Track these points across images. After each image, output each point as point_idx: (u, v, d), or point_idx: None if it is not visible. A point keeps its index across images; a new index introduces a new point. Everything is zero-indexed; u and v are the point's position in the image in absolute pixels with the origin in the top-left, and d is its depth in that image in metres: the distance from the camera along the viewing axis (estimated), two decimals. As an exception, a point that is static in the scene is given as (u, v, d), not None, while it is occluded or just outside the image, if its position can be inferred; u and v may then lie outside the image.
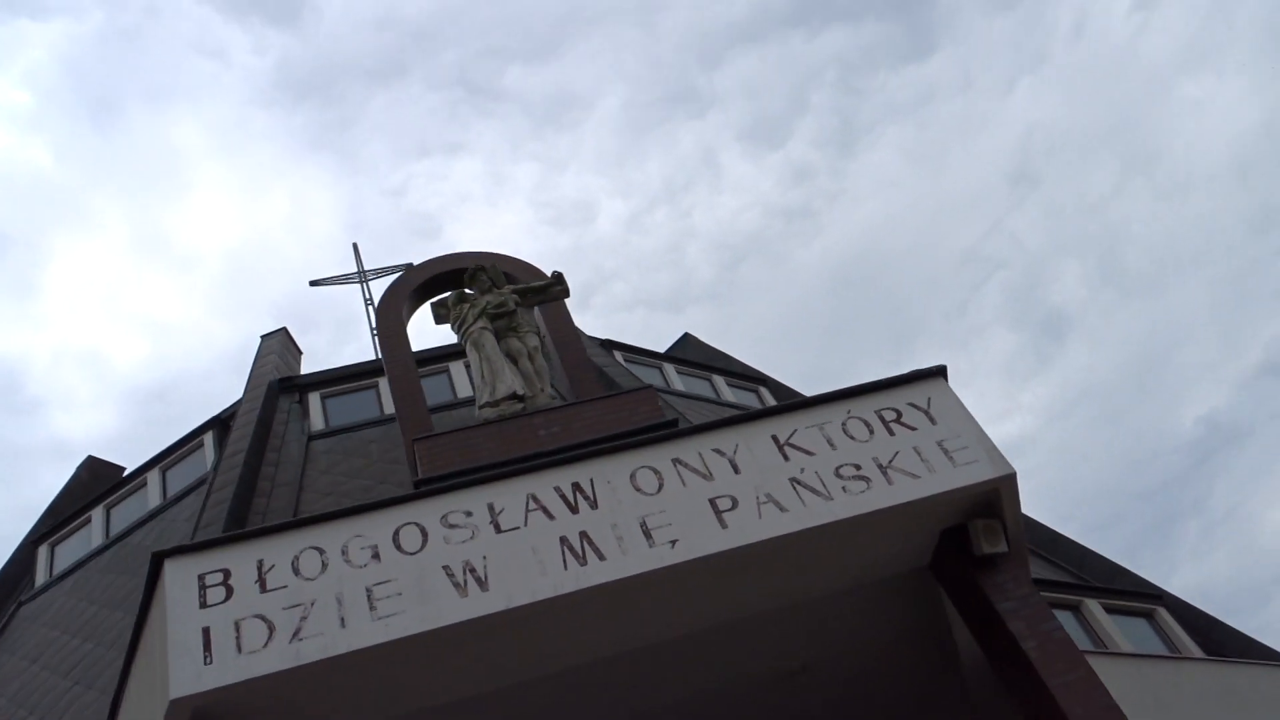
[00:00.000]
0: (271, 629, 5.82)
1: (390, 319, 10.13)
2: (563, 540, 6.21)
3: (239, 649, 5.72)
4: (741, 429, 6.84)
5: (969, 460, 6.70)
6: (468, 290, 9.75)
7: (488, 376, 8.35)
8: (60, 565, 18.59)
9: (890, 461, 6.69)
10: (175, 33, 67.71)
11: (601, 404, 8.20)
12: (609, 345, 19.59)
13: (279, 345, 21.70)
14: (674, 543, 6.23)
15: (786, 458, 6.71)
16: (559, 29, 74.85)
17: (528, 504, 6.40)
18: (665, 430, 7.11)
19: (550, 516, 6.34)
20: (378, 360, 19.89)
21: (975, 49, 68.91)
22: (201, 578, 5.98)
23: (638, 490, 6.50)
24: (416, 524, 6.28)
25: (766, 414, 6.90)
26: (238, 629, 5.79)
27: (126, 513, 18.65)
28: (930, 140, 70.28)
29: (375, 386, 19.15)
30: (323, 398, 18.91)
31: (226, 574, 6.01)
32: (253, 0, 69.37)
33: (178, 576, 5.95)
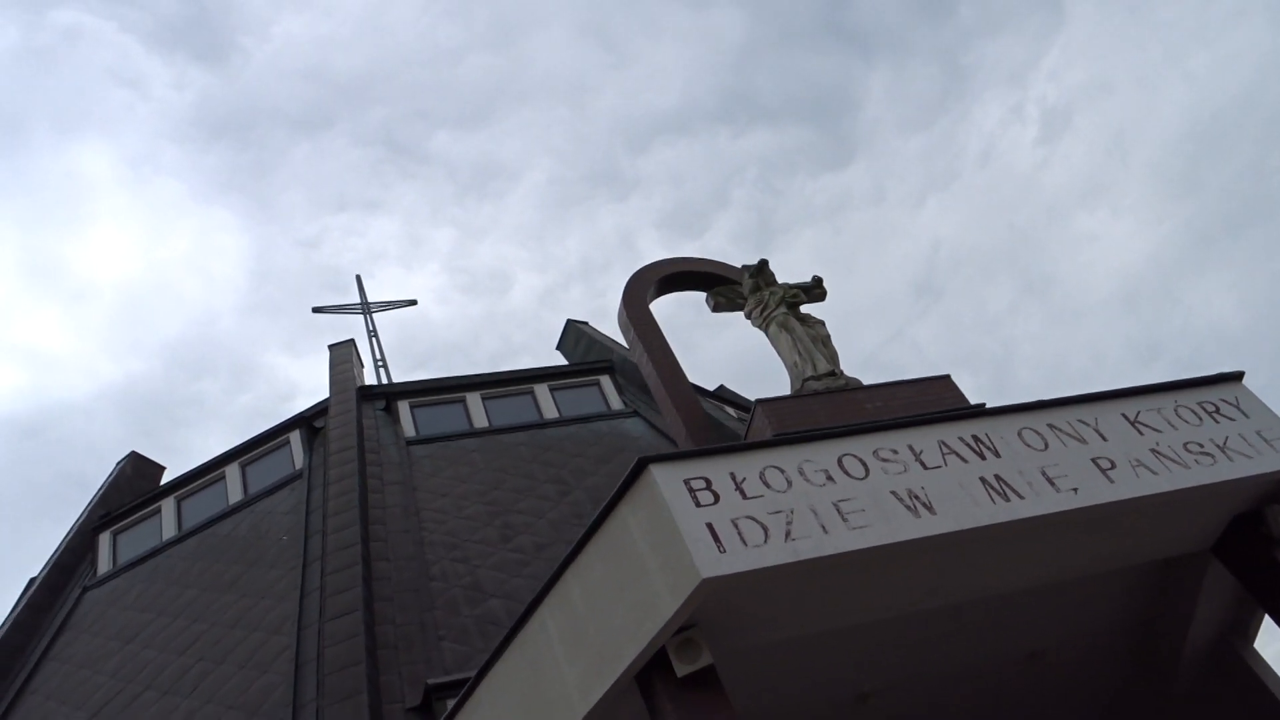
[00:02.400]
0: (765, 529, 6.27)
1: (637, 306, 10.65)
2: (982, 480, 6.87)
3: (744, 543, 6.15)
4: (1095, 406, 7.65)
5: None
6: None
7: (805, 355, 8.98)
8: (128, 553, 18.14)
9: (1224, 443, 7.58)
10: (93, 58, 63.56)
11: (909, 387, 8.91)
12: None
13: (350, 355, 21.75)
14: (1075, 490, 6.96)
15: (1140, 432, 7.54)
16: (490, 99, 74.72)
17: (940, 448, 7.05)
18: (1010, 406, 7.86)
19: (964, 460, 6.99)
20: (461, 377, 20.18)
21: (890, 163, 72.19)
22: (688, 482, 6.41)
23: (1028, 446, 7.22)
24: (855, 455, 6.85)
25: (1112, 395, 7.75)
26: (736, 527, 6.24)
27: (202, 505, 18.36)
28: (842, 245, 72.44)
29: (463, 401, 19.42)
30: (412, 407, 19.08)
31: (708, 481, 6.45)
32: (179, 35, 67.01)
33: (668, 480, 6.37)
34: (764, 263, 9.57)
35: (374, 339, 32.28)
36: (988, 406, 8.17)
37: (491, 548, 14.66)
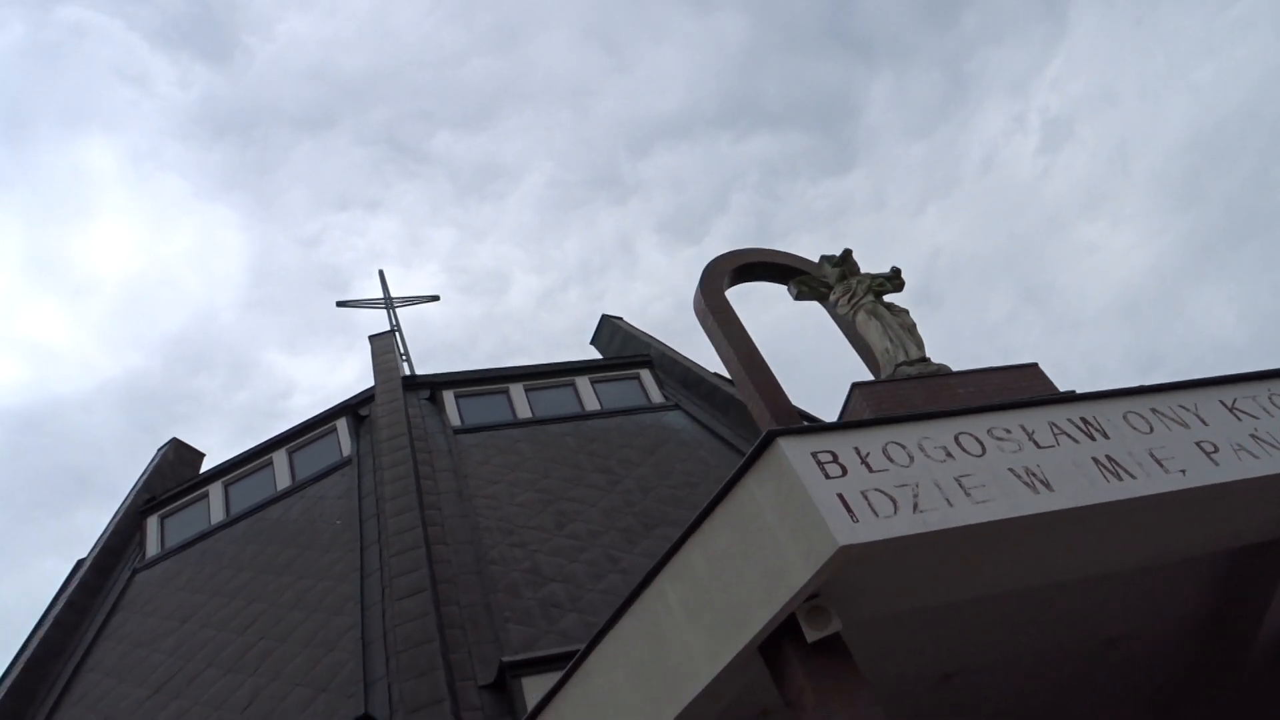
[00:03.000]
0: (894, 501, 6.41)
1: (714, 293, 10.80)
2: (1094, 460, 7.02)
3: (875, 513, 6.29)
4: (1193, 392, 7.81)
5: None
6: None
7: (896, 341, 9.14)
8: (176, 537, 18.26)
9: (1319, 430, 7.75)
10: (98, 55, 62.36)
11: (998, 374, 9.07)
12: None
13: (392, 346, 21.89)
14: (1184, 471, 7.10)
15: (1238, 418, 7.70)
16: (493, 101, 74.29)
17: (1051, 429, 7.20)
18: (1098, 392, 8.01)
19: (1075, 440, 7.15)
20: (503, 369, 20.32)
21: (891, 170, 71.89)
22: (815, 455, 6.55)
23: (1134, 429, 7.37)
24: (970, 433, 7.00)
25: (1209, 383, 7.91)
26: (866, 498, 6.38)
27: (250, 490, 18.49)
28: (840, 250, 72.34)
29: (506, 392, 19.55)
30: (456, 397, 19.21)
31: (834, 455, 6.58)
32: (184, 33, 66.66)
33: (796, 453, 6.51)
34: (848, 252, 9.72)
35: (397, 333, 32.38)
36: (1079, 393, 8.32)
37: (546, 534, 14.79)
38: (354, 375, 71.66)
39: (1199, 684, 10.26)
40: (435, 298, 35.84)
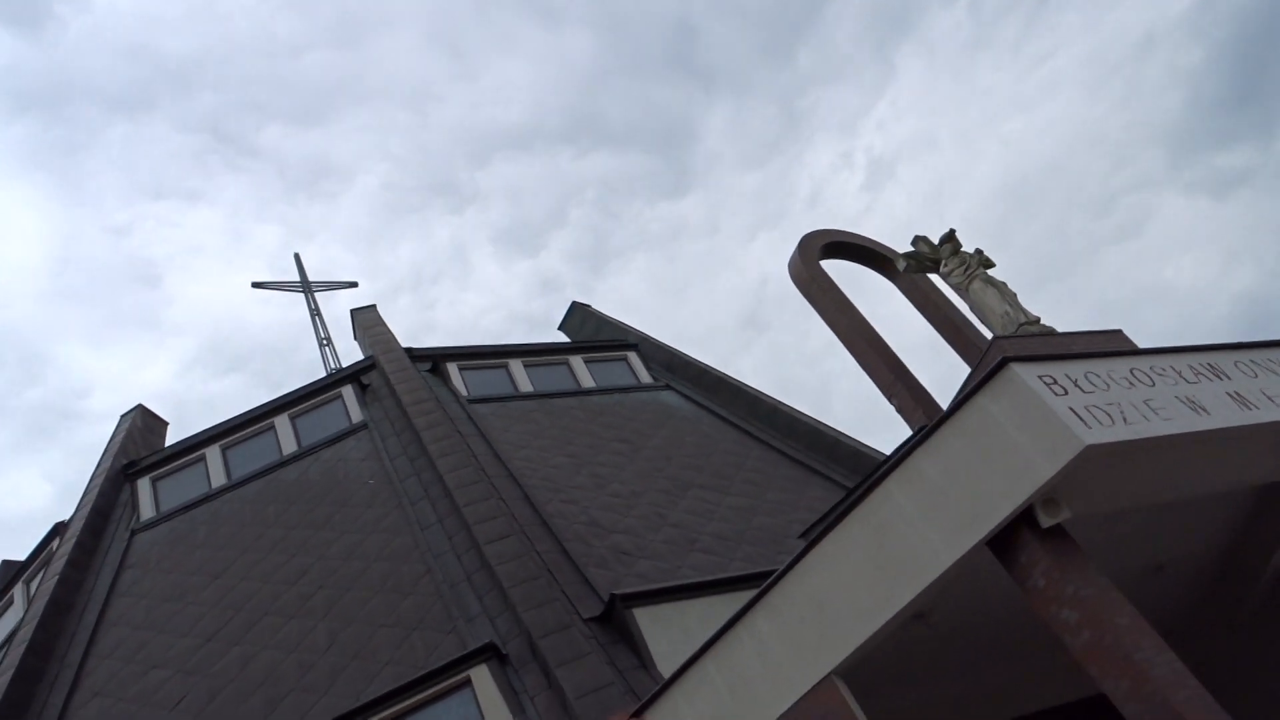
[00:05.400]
0: (1109, 414, 7.73)
1: (811, 264, 11.97)
2: (1227, 394, 8.60)
3: (1100, 423, 7.58)
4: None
5: None
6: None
7: (1013, 305, 10.55)
8: (173, 499, 18.05)
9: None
10: None
11: (1096, 336, 10.63)
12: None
13: (378, 318, 22.07)
14: (1286, 406, 8.80)
15: (1311, 370, 9.52)
16: (328, 97, 71.83)
17: (1191, 369, 8.74)
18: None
19: (1210, 379, 8.68)
20: (499, 345, 20.90)
21: (725, 197, 74.54)
22: (1041, 378, 7.81)
23: (1243, 373, 9.00)
24: (1139, 369, 8.43)
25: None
26: (1089, 412, 7.66)
27: (251, 454, 18.47)
28: (676, 273, 74.13)
29: (505, 367, 20.19)
30: (460, 369, 19.72)
31: (1053, 379, 7.88)
32: None
33: (1028, 374, 7.75)
34: (954, 231, 11.14)
35: (316, 318, 32.08)
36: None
37: (590, 493, 15.59)
38: (168, 373, 67.80)
39: (1204, 617, 12.09)
40: (354, 284, 35.49)
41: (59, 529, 18.46)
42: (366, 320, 21.74)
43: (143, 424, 21.23)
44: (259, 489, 17.28)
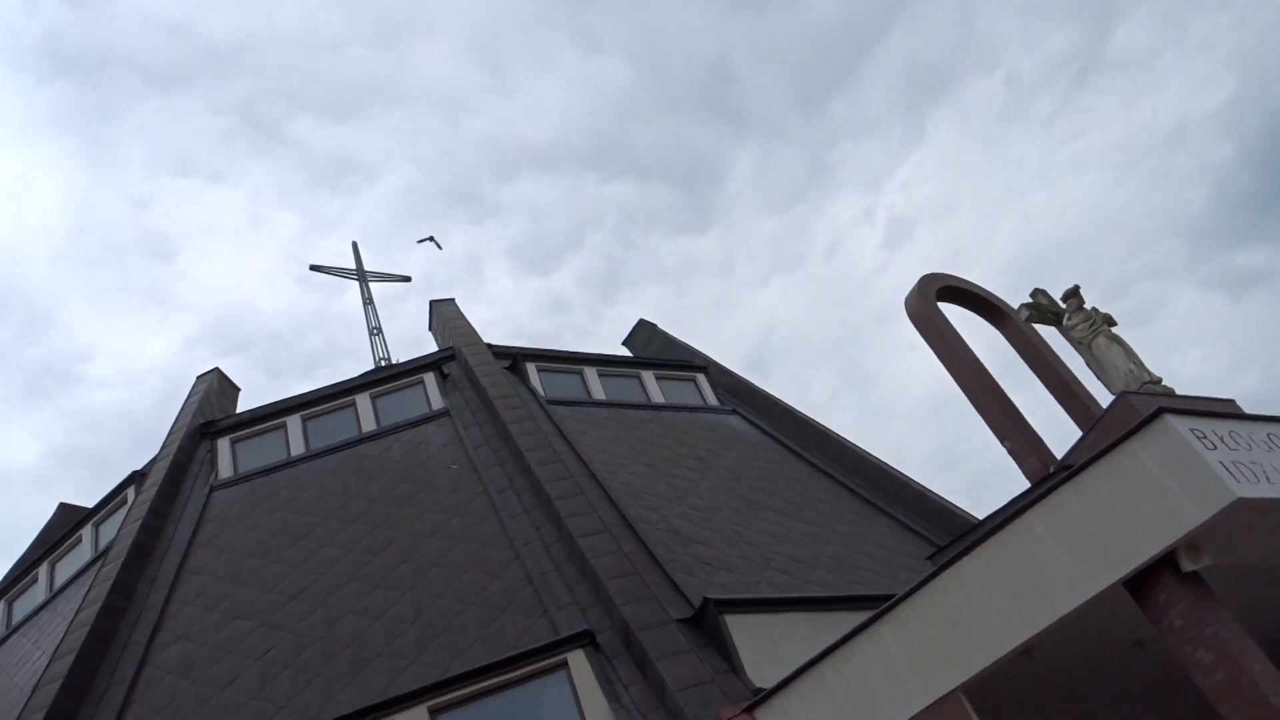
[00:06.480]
0: (1254, 472, 8.16)
1: (929, 304, 12.45)
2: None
3: (1247, 479, 8.00)
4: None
5: None
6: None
7: (1138, 363, 11.01)
8: (251, 461, 18.49)
9: None
10: None
11: (1215, 401, 11.08)
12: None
13: (458, 312, 22.56)
14: None
15: None
16: (363, 95, 71.79)
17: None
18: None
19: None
20: (575, 353, 21.36)
21: (743, 239, 74.56)
22: (1193, 430, 8.26)
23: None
24: (1277, 435, 8.90)
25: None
26: (1238, 468, 8.08)
27: (330, 427, 18.90)
28: (685, 308, 73.89)
29: (580, 374, 20.65)
30: (538, 370, 20.19)
31: (1203, 433, 8.31)
32: None
33: (1182, 426, 8.18)
34: (1077, 287, 11.63)
35: (369, 307, 32.64)
36: None
37: (669, 503, 15.98)
38: (170, 348, 67.92)
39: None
40: (407, 278, 36.08)
41: (135, 478, 18.87)
42: (447, 313, 22.24)
43: (219, 387, 21.70)
44: (339, 461, 17.70)
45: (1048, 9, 65.06)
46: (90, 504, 21.00)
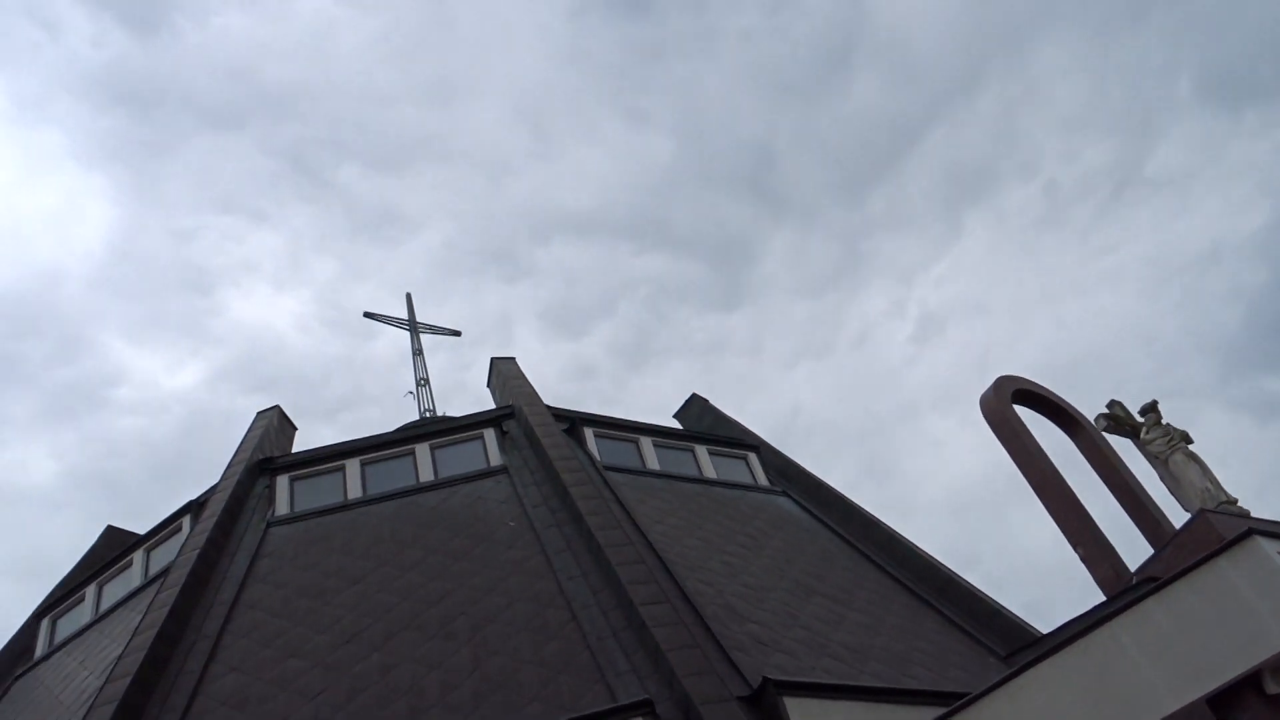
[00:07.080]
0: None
1: (1004, 404, 12.70)
2: None
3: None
4: None
5: None
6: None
7: (1213, 483, 11.19)
8: (308, 501, 18.81)
9: None
10: None
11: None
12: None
13: (518, 370, 22.97)
14: None
15: None
16: (410, 149, 73.50)
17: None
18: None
19: None
20: (633, 421, 21.65)
21: (773, 321, 74.60)
22: (1275, 552, 8.46)
23: None
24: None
25: None
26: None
27: (388, 474, 19.23)
28: (711, 385, 73.55)
29: (636, 442, 20.91)
30: (595, 436, 20.48)
31: (1283, 556, 8.53)
32: None
33: (1271, 548, 8.38)
34: (1155, 402, 11.84)
35: (418, 358, 33.18)
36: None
37: (724, 578, 16.10)
38: (197, 380, 69.10)
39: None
40: (457, 332, 36.71)
41: (191, 507, 19.22)
42: (507, 371, 22.67)
43: (278, 425, 22.14)
44: (396, 508, 17.98)
45: (1089, 122, 66.02)
46: (98, 530, 21.48)
